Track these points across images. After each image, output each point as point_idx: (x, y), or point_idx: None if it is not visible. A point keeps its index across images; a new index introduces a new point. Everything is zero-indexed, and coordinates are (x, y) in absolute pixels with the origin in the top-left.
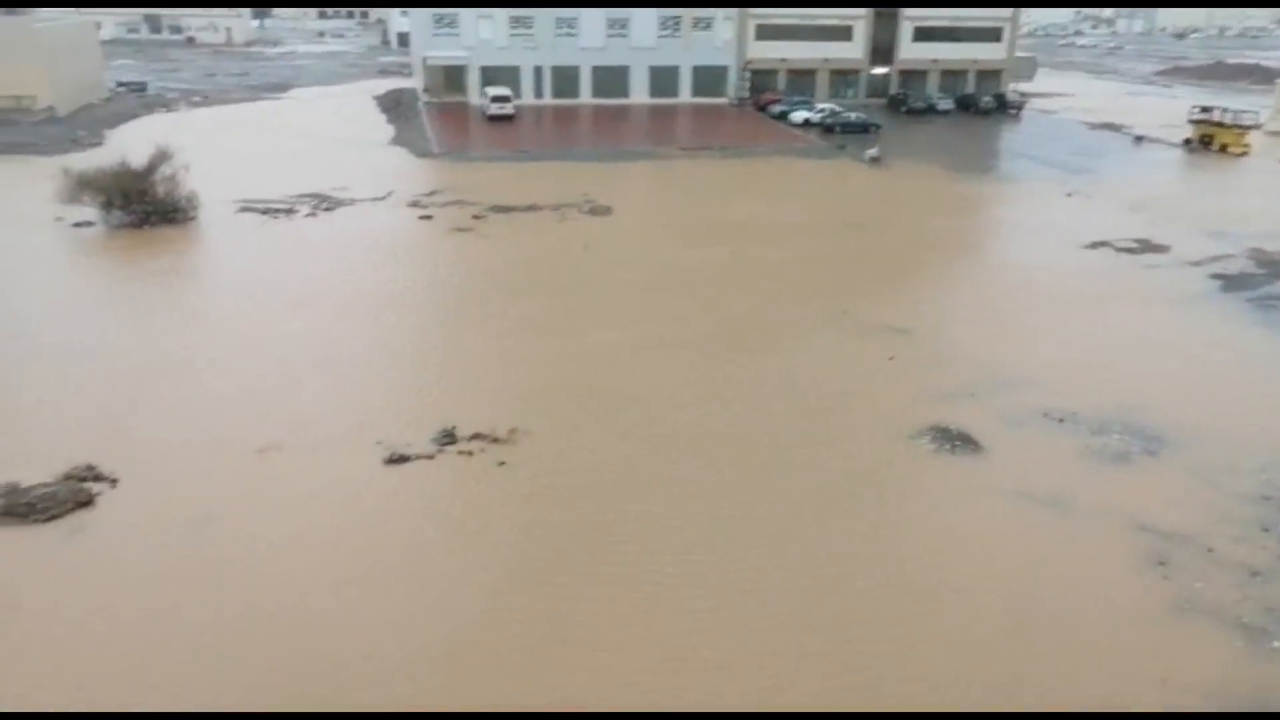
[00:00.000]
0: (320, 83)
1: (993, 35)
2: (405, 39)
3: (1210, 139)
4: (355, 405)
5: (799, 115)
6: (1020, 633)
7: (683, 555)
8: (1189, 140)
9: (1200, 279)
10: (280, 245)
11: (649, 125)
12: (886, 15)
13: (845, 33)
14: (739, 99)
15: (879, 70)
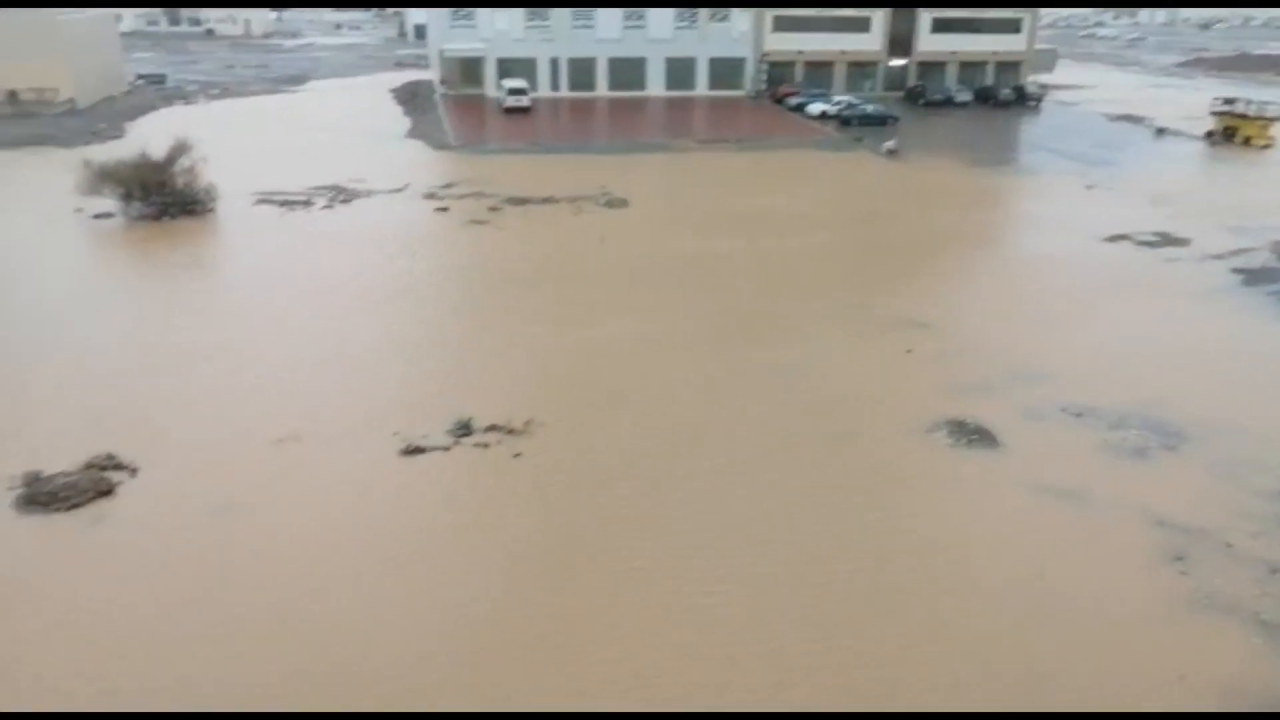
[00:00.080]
0: (337, 75)
1: (1012, 27)
2: (422, 31)
3: (1233, 131)
4: (372, 396)
5: (816, 107)
6: (1037, 628)
7: (696, 549)
8: (1211, 133)
9: (1221, 273)
10: (297, 237)
11: (665, 117)
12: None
13: (863, 24)
14: (756, 91)
15: (897, 62)
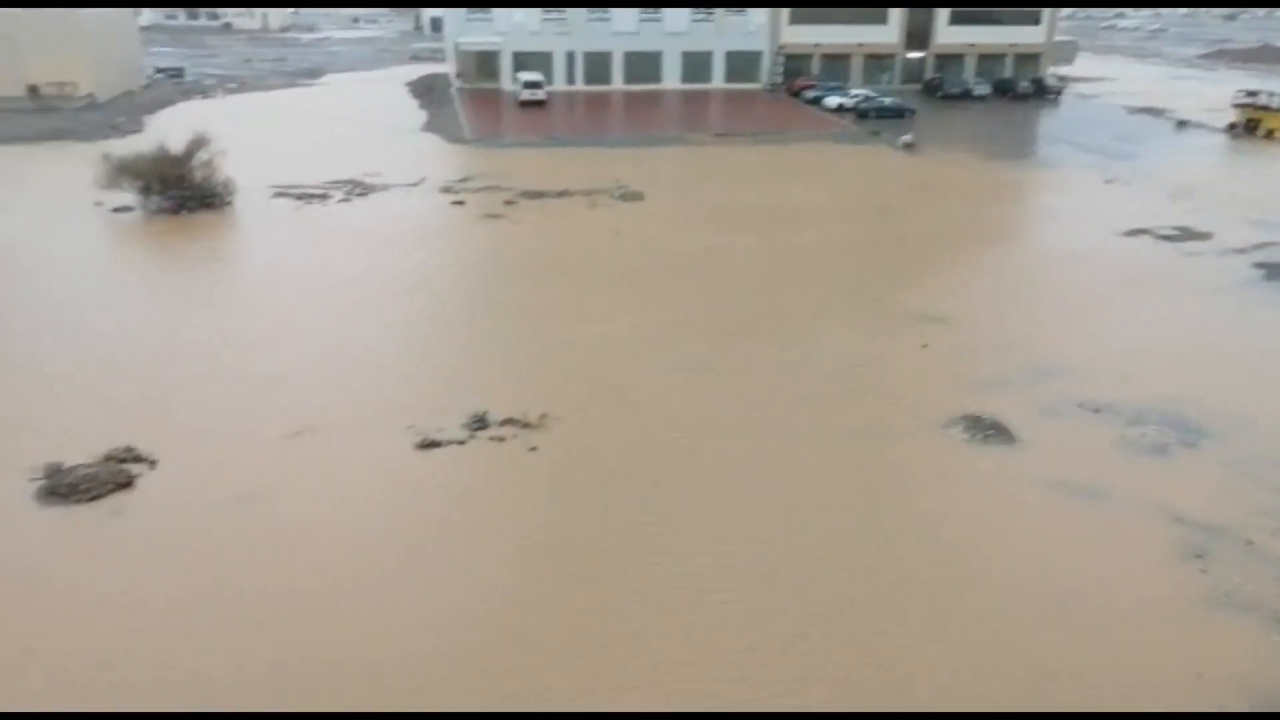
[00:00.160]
0: (354, 68)
1: (1032, 19)
2: (438, 25)
3: (1256, 124)
4: (388, 389)
5: (833, 100)
6: (1053, 625)
7: (712, 545)
8: (1233, 125)
9: (1243, 267)
10: (314, 231)
11: (681, 111)
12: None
13: (880, 16)
14: (772, 84)
15: (914, 55)
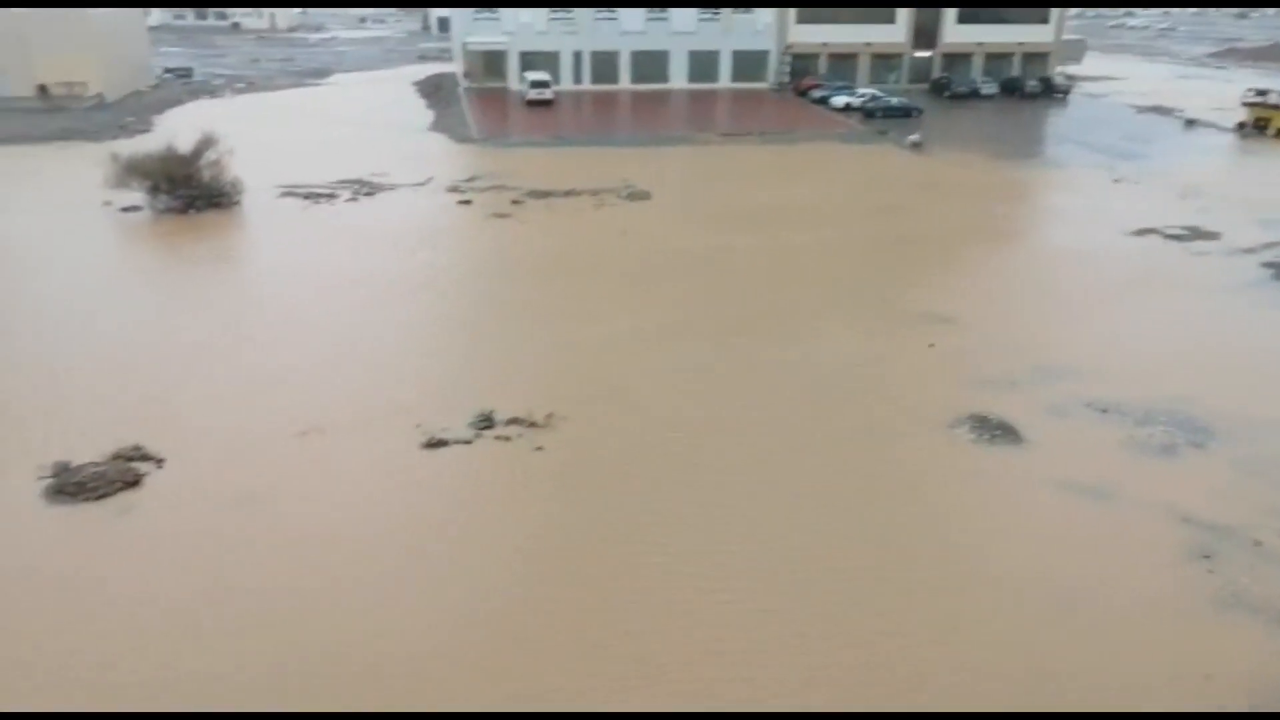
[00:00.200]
0: (361, 68)
1: (1040, 17)
2: (446, 25)
3: (1265, 123)
4: (394, 388)
5: (840, 100)
6: (1061, 625)
7: (718, 546)
8: (1242, 124)
9: (1251, 267)
10: (321, 231)
11: (688, 110)
12: None
13: (888, 16)
14: (779, 84)
15: (922, 54)
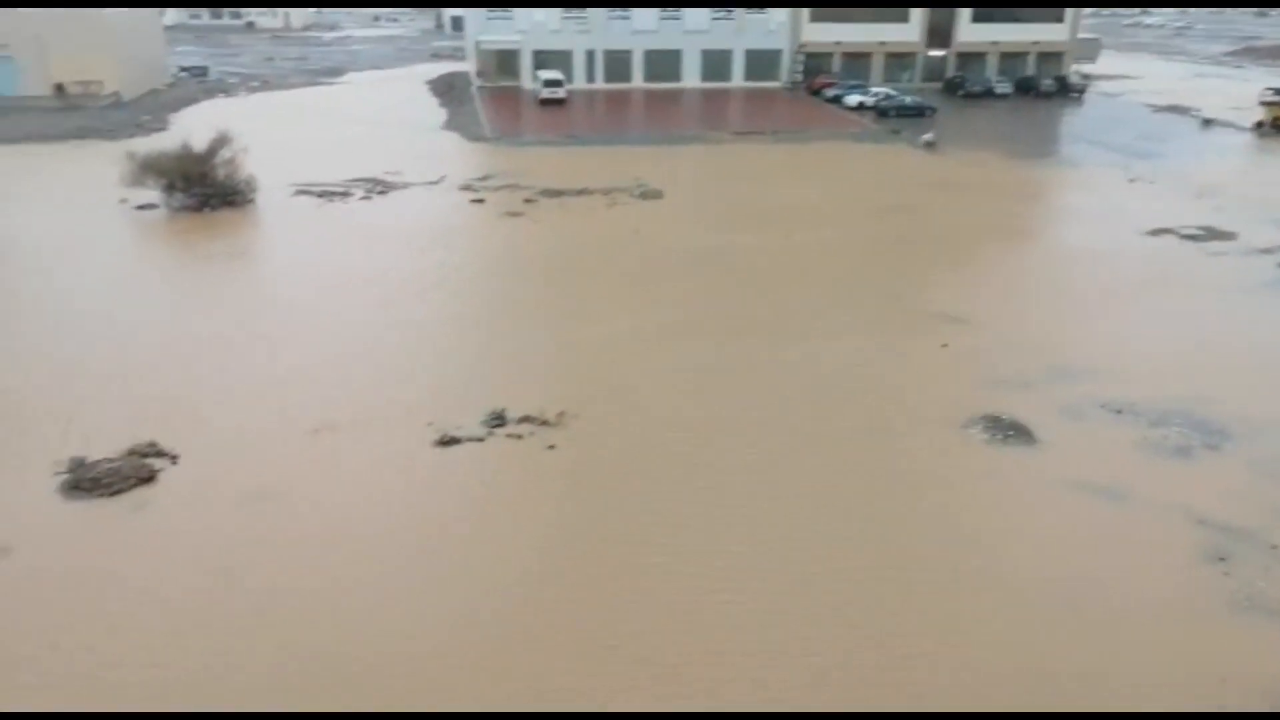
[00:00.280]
0: (375, 67)
1: (1055, 16)
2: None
3: None
4: (407, 386)
5: (853, 99)
6: (1073, 627)
7: (727, 545)
8: (1260, 123)
9: (1268, 268)
10: (334, 229)
11: (701, 109)
12: None
13: (902, 14)
14: (792, 83)
15: (936, 53)
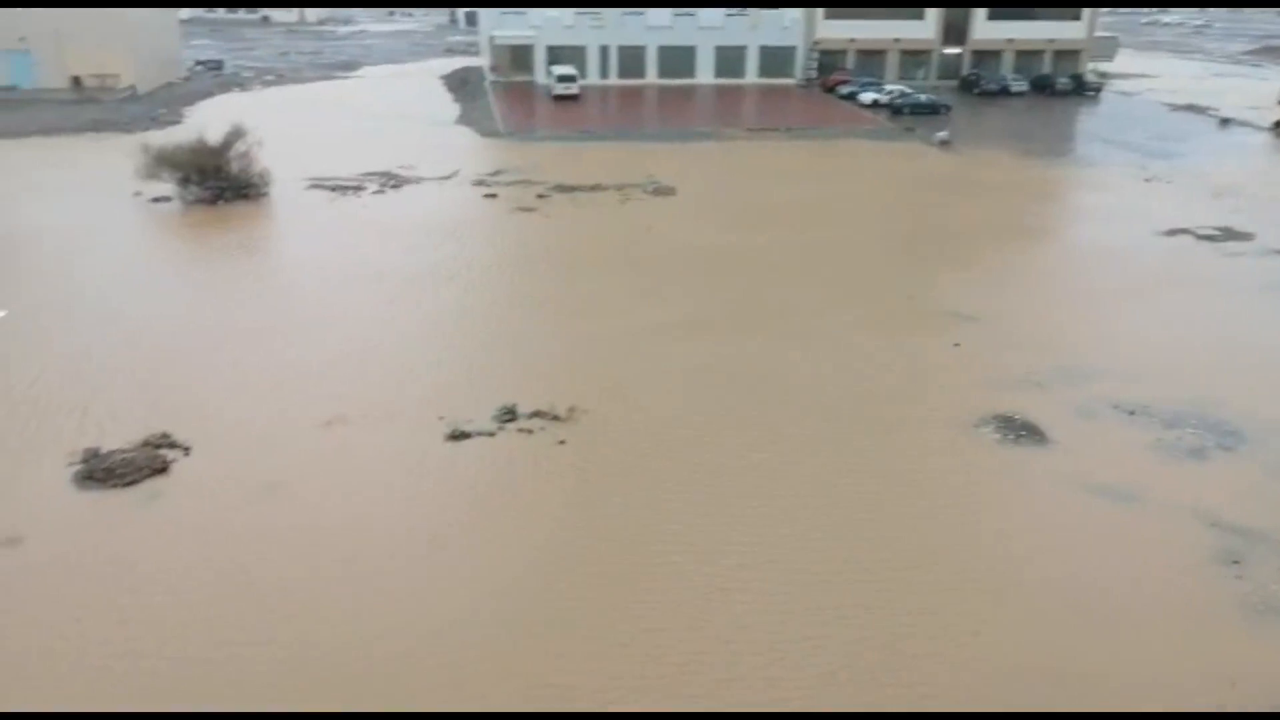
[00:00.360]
0: (389, 61)
1: (1072, 14)
2: (473, 18)
3: None
4: (419, 380)
5: (867, 96)
6: (1083, 628)
7: (735, 545)
8: (1278, 123)
9: None
10: (348, 222)
11: (715, 106)
12: None
13: (917, 11)
14: (806, 80)
15: (951, 50)
